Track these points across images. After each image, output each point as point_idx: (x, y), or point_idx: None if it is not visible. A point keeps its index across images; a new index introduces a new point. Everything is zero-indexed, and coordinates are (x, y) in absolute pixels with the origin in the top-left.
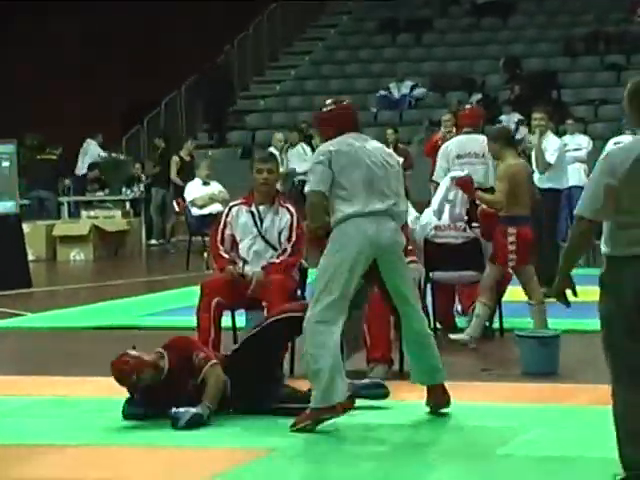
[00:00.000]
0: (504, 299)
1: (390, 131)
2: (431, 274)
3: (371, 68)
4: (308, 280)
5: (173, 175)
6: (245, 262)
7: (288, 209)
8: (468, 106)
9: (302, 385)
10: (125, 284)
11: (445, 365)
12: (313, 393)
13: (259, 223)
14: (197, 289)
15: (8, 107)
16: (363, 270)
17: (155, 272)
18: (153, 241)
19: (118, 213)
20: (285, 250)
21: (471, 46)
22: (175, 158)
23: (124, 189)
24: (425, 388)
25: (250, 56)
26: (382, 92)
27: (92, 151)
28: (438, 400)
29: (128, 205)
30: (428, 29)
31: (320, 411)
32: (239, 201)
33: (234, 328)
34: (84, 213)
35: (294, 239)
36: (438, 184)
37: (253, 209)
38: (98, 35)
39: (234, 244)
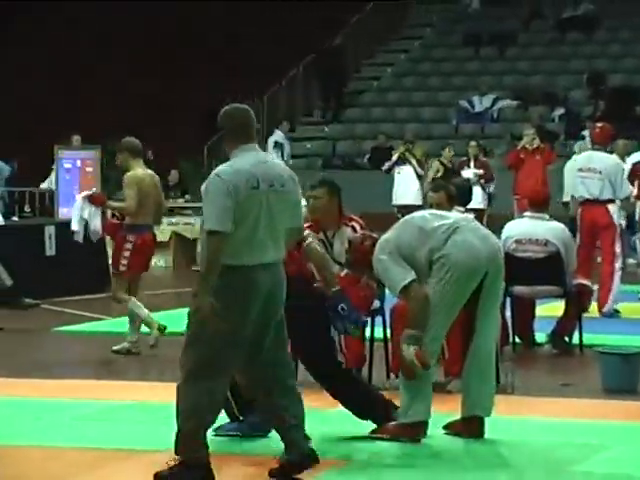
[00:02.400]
0: (585, 314)
1: (473, 143)
2: (511, 288)
3: (453, 81)
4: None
5: None
6: None
7: (352, 226)
8: (599, 124)
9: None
10: None
11: (524, 380)
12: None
13: (329, 248)
14: None
15: (93, 112)
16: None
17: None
18: None
19: (198, 220)
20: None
21: (554, 60)
22: None
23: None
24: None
25: (337, 64)
26: (462, 103)
27: None
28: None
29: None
30: (511, 43)
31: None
32: (308, 224)
33: None
34: (165, 220)
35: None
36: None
37: (322, 236)
38: (190, 35)
39: None
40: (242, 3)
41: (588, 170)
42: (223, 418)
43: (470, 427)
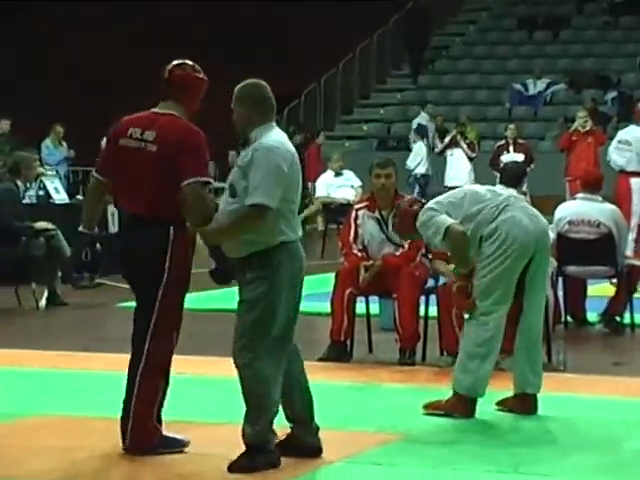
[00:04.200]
0: (636, 295)
1: (512, 126)
2: (563, 268)
3: (507, 64)
4: None
5: None
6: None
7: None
8: None
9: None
10: None
11: (576, 358)
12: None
13: (384, 228)
14: (332, 276)
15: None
16: None
17: None
18: None
19: None
20: (403, 246)
21: (607, 44)
22: None
23: None
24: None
25: (389, 50)
26: (515, 86)
27: None
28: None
29: None
30: (565, 26)
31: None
32: (363, 204)
33: (367, 315)
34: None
35: None
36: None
37: (377, 215)
38: (243, 32)
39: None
40: None
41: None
42: None
43: (523, 404)
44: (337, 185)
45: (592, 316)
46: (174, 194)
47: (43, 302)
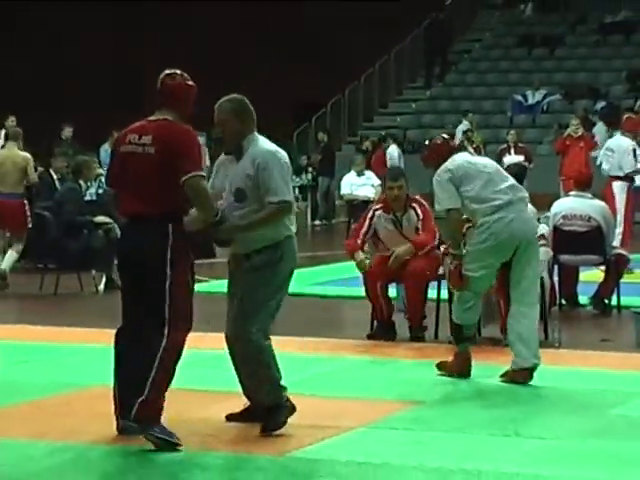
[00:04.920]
0: (622, 280)
1: (512, 132)
2: (558, 257)
3: (509, 77)
4: None
5: None
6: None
7: (415, 208)
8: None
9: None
10: None
11: (569, 336)
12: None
13: (399, 227)
14: (354, 264)
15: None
16: None
17: (319, 248)
18: (317, 222)
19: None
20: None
21: (598, 60)
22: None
23: (294, 177)
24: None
25: (407, 63)
26: (516, 96)
27: None
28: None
29: (297, 191)
30: (560, 44)
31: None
32: (380, 206)
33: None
34: None
35: (426, 224)
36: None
37: (392, 217)
38: (275, 43)
39: (378, 241)
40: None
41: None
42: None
43: (521, 376)
44: (359, 184)
45: (583, 299)
46: (172, 191)
47: (102, 287)
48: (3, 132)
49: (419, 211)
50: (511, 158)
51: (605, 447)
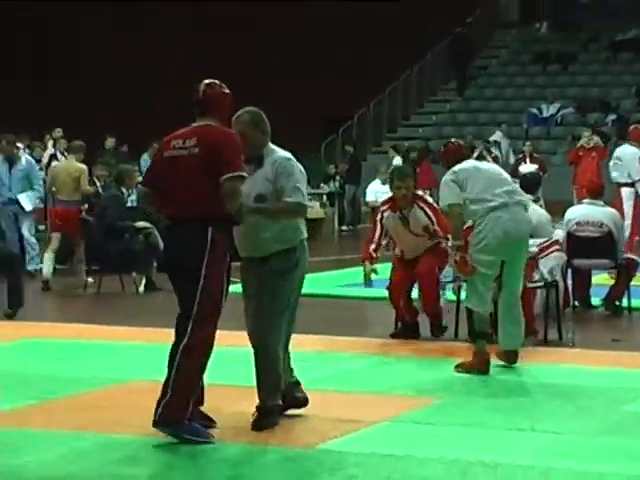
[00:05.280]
0: (633, 283)
1: (528, 143)
2: (572, 261)
3: (525, 92)
4: None
5: None
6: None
7: (423, 207)
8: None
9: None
10: (321, 261)
11: (582, 336)
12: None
13: (407, 224)
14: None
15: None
16: None
17: (345, 252)
18: (344, 227)
19: (317, 204)
20: (435, 231)
21: (608, 75)
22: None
23: (322, 185)
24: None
25: (429, 78)
26: (532, 110)
27: None
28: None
29: (325, 198)
30: (573, 61)
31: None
32: (387, 206)
33: None
34: None
35: (439, 221)
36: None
37: (399, 214)
38: (306, 58)
39: (390, 238)
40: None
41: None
42: None
43: (509, 356)
44: (383, 192)
45: (596, 301)
46: (216, 193)
47: (142, 288)
48: (50, 142)
49: (428, 211)
50: (527, 167)
51: (616, 442)
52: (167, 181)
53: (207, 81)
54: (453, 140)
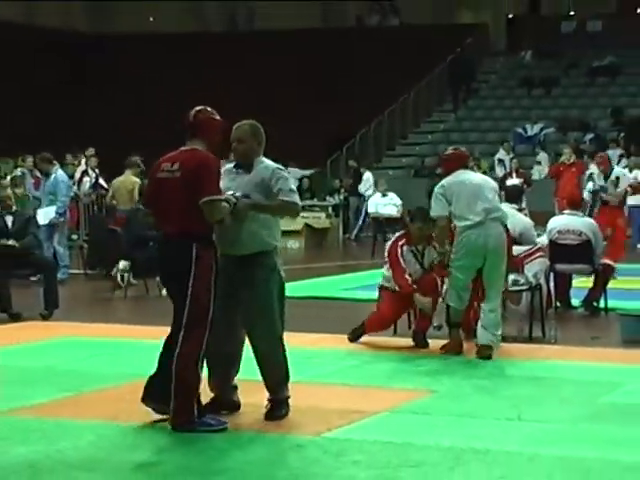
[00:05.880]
0: (609, 286)
1: (515, 160)
2: (554, 266)
3: (511, 113)
4: None
5: None
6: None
7: (435, 247)
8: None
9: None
10: (326, 266)
11: (564, 333)
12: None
13: (419, 258)
14: (379, 272)
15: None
16: None
17: (349, 258)
18: (348, 235)
19: (323, 215)
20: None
21: (587, 98)
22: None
23: (328, 197)
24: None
25: (424, 100)
26: (517, 130)
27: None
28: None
29: (330, 209)
30: (555, 85)
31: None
32: (403, 240)
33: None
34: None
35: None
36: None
37: (413, 249)
38: (315, 80)
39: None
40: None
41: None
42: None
43: (482, 351)
44: (383, 204)
45: (575, 302)
46: (198, 212)
47: (164, 291)
48: (84, 159)
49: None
50: (512, 181)
51: (596, 430)
52: (157, 201)
53: (199, 107)
54: (449, 151)
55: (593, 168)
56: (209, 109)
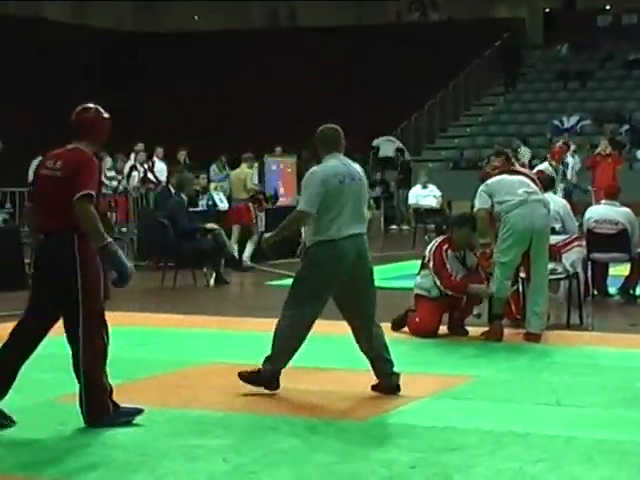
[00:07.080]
0: None
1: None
2: (591, 255)
3: (548, 106)
4: None
5: None
6: None
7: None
8: None
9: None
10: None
11: (601, 321)
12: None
13: (462, 260)
14: (417, 262)
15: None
16: None
17: (390, 248)
18: (393, 227)
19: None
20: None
21: (623, 90)
22: None
23: (370, 190)
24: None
25: (462, 94)
26: (554, 121)
27: None
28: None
29: (372, 201)
30: (591, 78)
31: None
32: (447, 245)
33: None
34: None
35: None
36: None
37: (457, 254)
38: (356, 75)
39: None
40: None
41: None
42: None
43: (531, 338)
44: (423, 195)
45: (612, 290)
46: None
47: (212, 281)
48: (133, 154)
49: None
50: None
51: (632, 414)
52: (40, 197)
53: (83, 105)
54: (488, 166)
55: None
56: (94, 107)
